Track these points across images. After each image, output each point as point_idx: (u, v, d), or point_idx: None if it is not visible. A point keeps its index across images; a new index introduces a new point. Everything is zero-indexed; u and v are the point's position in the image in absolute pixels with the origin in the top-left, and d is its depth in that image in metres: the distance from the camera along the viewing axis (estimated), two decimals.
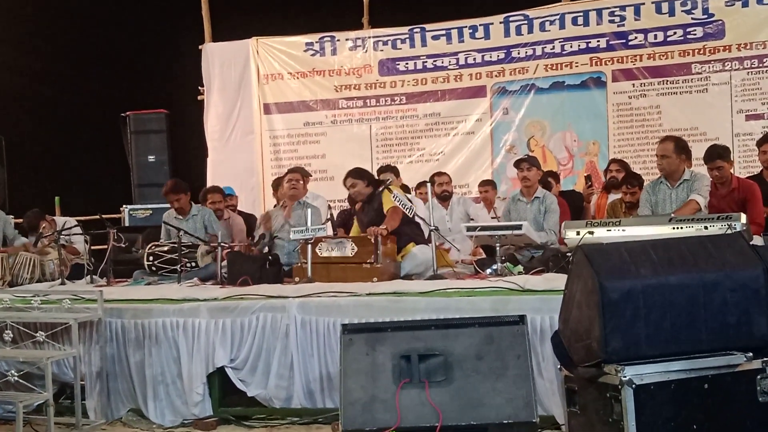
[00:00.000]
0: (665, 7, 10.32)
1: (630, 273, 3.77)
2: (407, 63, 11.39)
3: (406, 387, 4.59)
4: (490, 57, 11.06)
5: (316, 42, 11.70)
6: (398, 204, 6.74)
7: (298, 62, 11.75)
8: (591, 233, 5.90)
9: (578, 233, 5.93)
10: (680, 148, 6.77)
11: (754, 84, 10.01)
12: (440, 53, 11.25)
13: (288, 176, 8.12)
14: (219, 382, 5.86)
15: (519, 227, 6.63)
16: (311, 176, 9.69)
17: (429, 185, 7.41)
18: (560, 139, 10.88)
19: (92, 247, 7.83)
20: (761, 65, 9.97)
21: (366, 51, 11.53)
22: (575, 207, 8.69)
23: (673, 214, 6.16)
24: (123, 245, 7.63)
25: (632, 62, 10.49)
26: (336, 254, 6.60)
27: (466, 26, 11.12)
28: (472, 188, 10.90)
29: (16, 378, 5.56)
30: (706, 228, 5.59)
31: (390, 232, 6.72)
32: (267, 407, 5.78)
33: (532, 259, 6.97)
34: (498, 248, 6.58)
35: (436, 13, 11.39)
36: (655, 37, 10.37)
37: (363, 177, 7.33)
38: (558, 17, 10.72)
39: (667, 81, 10.34)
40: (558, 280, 5.24)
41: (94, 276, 7.55)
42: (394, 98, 11.45)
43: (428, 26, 11.30)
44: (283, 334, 5.68)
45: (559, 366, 4.33)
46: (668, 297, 3.73)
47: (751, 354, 3.76)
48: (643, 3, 10.38)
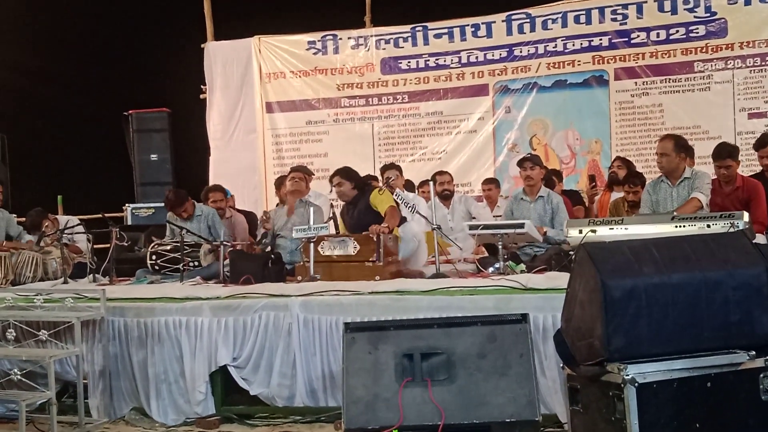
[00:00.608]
0: (668, 5, 10.33)
1: (632, 271, 3.77)
2: (409, 61, 11.39)
3: (409, 385, 4.59)
4: (493, 55, 11.07)
5: (319, 40, 11.70)
6: (400, 201, 6.75)
7: (301, 61, 11.75)
8: (593, 232, 5.88)
9: (581, 232, 5.92)
10: (680, 147, 6.76)
11: (757, 82, 10.01)
12: (442, 52, 11.26)
13: (291, 174, 8.13)
14: (222, 381, 5.86)
15: (521, 226, 6.62)
16: (314, 175, 9.68)
17: (431, 184, 7.40)
18: (562, 138, 10.89)
19: (95, 246, 7.85)
20: (764, 63, 9.97)
21: (368, 49, 11.53)
22: (576, 206, 8.71)
23: (675, 213, 6.16)
24: (125, 244, 7.63)
25: (635, 60, 10.49)
26: (338, 253, 6.60)
27: (469, 25, 11.13)
28: (474, 187, 10.91)
29: (19, 377, 5.56)
30: (709, 226, 5.57)
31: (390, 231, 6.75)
32: (269, 406, 5.78)
33: (535, 258, 6.97)
34: (500, 247, 6.58)
35: (439, 12, 11.40)
36: (658, 36, 10.37)
37: (351, 178, 7.35)
38: (560, 15, 10.73)
39: (670, 79, 10.34)
40: (560, 279, 5.23)
41: (97, 275, 7.55)
42: (397, 97, 11.46)
43: (430, 25, 11.31)
44: (286, 333, 5.68)
45: (562, 364, 4.34)
46: (671, 295, 3.73)
47: (754, 352, 3.76)
48: (646, 1, 10.40)
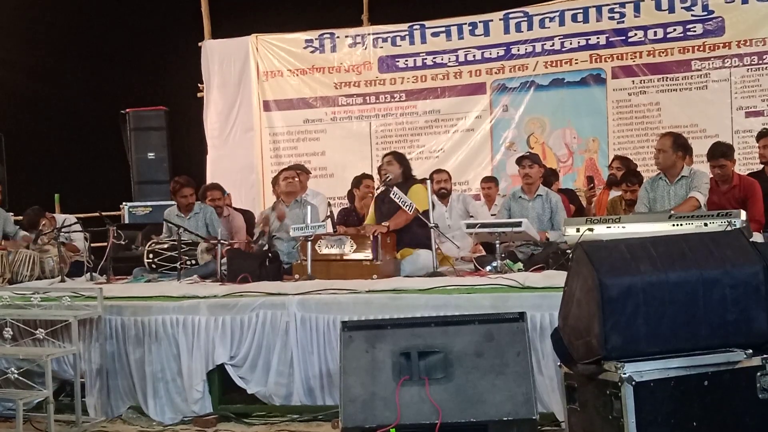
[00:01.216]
0: (665, 4, 10.33)
1: (630, 270, 3.77)
2: (407, 60, 11.39)
3: (406, 384, 4.59)
4: (490, 54, 11.07)
5: (316, 39, 11.69)
6: (397, 200, 6.73)
7: (298, 59, 11.75)
8: (591, 230, 5.90)
9: (578, 230, 5.93)
10: (678, 145, 6.77)
11: (754, 81, 10.02)
12: (440, 50, 11.25)
13: (284, 174, 8.05)
14: (219, 380, 5.86)
15: (519, 224, 6.62)
16: (310, 173, 9.68)
17: (429, 182, 7.38)
18: (560, 136, 10.89)
19: (92, 245, 7.82)
20: (761, 62, 9.98)
21: (365, 48, 11.53)
22: (574, 206, 8.70)
23: (673, 211, 6.16)
24: (123, 242, 7.63)
25: (632, 59, 10.50)
26: (335, 251, 6.60)
27: (466, 23, 11.13)
28: (472, 185, 10.91)
29: (16, 375, 5.55)
30: (706, 225, 5.58)
31: (395, 231, 6.74)
32: (267, 404, 5.78)
33: (532, 256, 6.96)
34: (498, 245, 6.58)
35: (436, 10, 11.38)
36: (655, 34, 10.38)
37: (402, 164, 7.30)
38: (558, 14, 10.73)
39: (667, 78, 10.35)
40: (558, 277, 5.23)
41: (94, 273, 7.54)
42: (394, 95, 11.45)
43: (428, 23, 11.30)
44: (283, 332, 5.68)
45: (559, 363, 4.33)
46: (668, 294, 3.73)
47: (751, 351, 3.75)
48: (643, 0, 10.39)
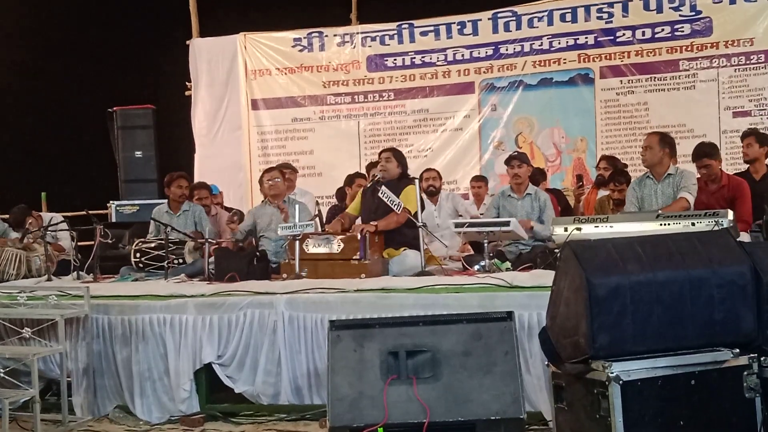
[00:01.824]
0: (653, 4, 10.34)
1: (617, 269, 3.78)
2: (395, 59, 11.38)
3: (394, 383, 4.58)
4: (479, 53, 11.07)
5: (304, 38, 11.67)
6: (385, 199, 6.72)
7: (286, 58, 11.72)
8: (579, 230, 5.91)
9: (566, 230, 5.94)
10: (665, 143, 6.83)
11: (742, 81, 10.04)
12: (428, 49, 11.25)
13: (267, 175, 7.93)
14: (206, 379, 5.85)
15: (507, 224, 6.62)
16: (297, 172, 9.65)
17: (417, 181, 7.38)
18: (548, 136, 10.90)
19: (79, 243, 7.81)
20: (748, 62, 10.00)
21: (354, 47, 11.51)
22: (562, 206, 8.71)
23: (662, 211, 6.18)
24: (110, 241, 7.59)
25: (620, 59, 10.51)
26: (323, 251, 6.59)
27: (455, 22, 11.12)
28: (461, 184, 10.91)
29: (2, 374, 5.53)
30: (694, 224, 5.60)
31: (383, 231, 6.74)
32: (254, 404, 5.77)
33: (520, 256, 6.97)
34: (486, 244, 6.58)
35: (425, 10, 11.37)
36: (643, 34, 10.40)
37: (400, 161, 7.29)
38: (546, 14, 10.74)
39: (655, 78, 10.37)
40: (546, 277, 5.25)
41: (81, 272, 7.51)
42: (383, 94, 11.45)
43: (416, 22, 11.29)
44: (271, 331, 5.67)
45: (547, 362, 4.34)
46: (655, 293, 3.74)
47: (738, 350, 3.78)
48: (631, 0, 10.41)
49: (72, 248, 7.85)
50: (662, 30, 10.31)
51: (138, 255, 7.49)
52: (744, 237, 6.09)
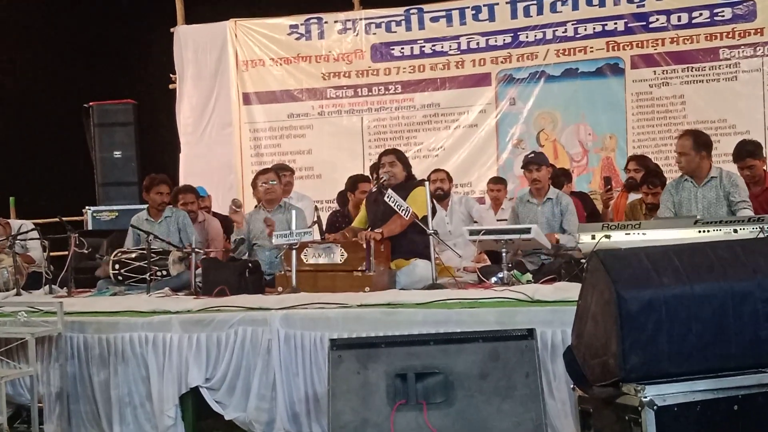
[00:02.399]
0: None
1: (651, 282, 3.77)
2: (403, 48, 11.40)
3: (402, 409, 4.59)
4: (496, 41, 11.08)
5: (302, 24, 11.70)
6: (392, 204, 6.72)
7: (282, 47, 11.75)
8: (607, 237, 5.90)
9: (593, 237, 5.94)
10: (699, 144, 6.76)
11: None
12: (440, 37, 11.26)
13: (261, 177, 7.97)
14: (193, 405, 5.85)
15: (528, 231, 6.62)
16: (294, 173, 9.67)
17: (427, 184, 7.38)
18: (573, 133, 10.90)
19: (51, 254, 7.81)
20: None
21: (357, 34, 11.53)
22: (588, 211, 8.70)
23: (698, 216, 6.16)
24: (85, 251, 7.60)
25: (653, 47, 10.50)
26: (323, 261, 6.60)
27: (469, 7, 11.14)
28: (475, 187, 10.92)
29: None
30: (736, 231, 5.60)
31: (389, 238, 6.74)
32: None
33: (542, 267, 6.97)
34: (504, 254, 6.58)
35: None
36: (679, 19, 10.39)
37: (405, 164, 7.33)
38: None
39: (692, 68, 10.35)
40: (571, 290, 5.25)
41: (53, 286, 7.53)
42: (389, 87, 11.46)
43: (426, 7, 11.31)
44: (265, 351, 5.67)
45: (573, 385, 4.34)
46: (694, 308, 3.74)
47: None
48: None
49: (43, 259, 7.86)
50: (700, 15, 10.30)
51: (117, 266, 7.49)
52: None
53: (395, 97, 11.45)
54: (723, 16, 10.23)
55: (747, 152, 7.23)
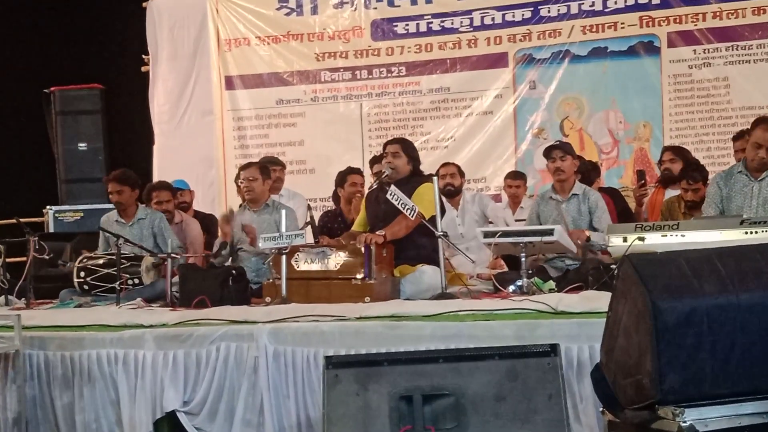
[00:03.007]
0: None
1: (691, 290, 3.77)
2: (407, 24, 11.42)
3: None
4: (513, 16, 11.10)
5: None
6: (395, 202, 6.73)
7: (269, 24, 11.78)
8: (641, 239, 5.90)
9: (625, 240, 5.94)
10: None
11: None
12: (449, 12, 11.29)
13: (243, 174, 8.01)
14: (169, 431, 5.86)
15: (550, 232, 6.62)
16: (285, 167, 9.68)
17: (436, 180, 7.39)
18: (602, 121, 10.91)
19: (7, 260, 7.82)
20: None
21: (355, 9, 11.56)
22: (619, 209, 8.69)
23: (746, 216, 6.14)
24: (46, 257, 7.62)
25: (693, 22, 10.51)
26: (317, 267, 6.61)
27: None
28: (491, 183, 10.94)
29: None
30: None
31: (393, 241, 6.74)
32: None
33: (567, 273, 6.98)
34: (523, 259, 6.59)
35: None
36: None
37: (411, 155, 7.33)
38: None
39: (737, 46, 10.36)
40: (599, 300, 5.26)
41: (10, 296, 7.55)
42: (391, 69, 11.48)
43: None
44: (251, 370, 5.68)
45: (602, 408, 4.34)
46: (740, 320, 3.73)
47: None
48: None
49: None
50: None
51: (83, 274, 7.51)
52: None
53: (399, 81, 11.47)
54: None
55: None
